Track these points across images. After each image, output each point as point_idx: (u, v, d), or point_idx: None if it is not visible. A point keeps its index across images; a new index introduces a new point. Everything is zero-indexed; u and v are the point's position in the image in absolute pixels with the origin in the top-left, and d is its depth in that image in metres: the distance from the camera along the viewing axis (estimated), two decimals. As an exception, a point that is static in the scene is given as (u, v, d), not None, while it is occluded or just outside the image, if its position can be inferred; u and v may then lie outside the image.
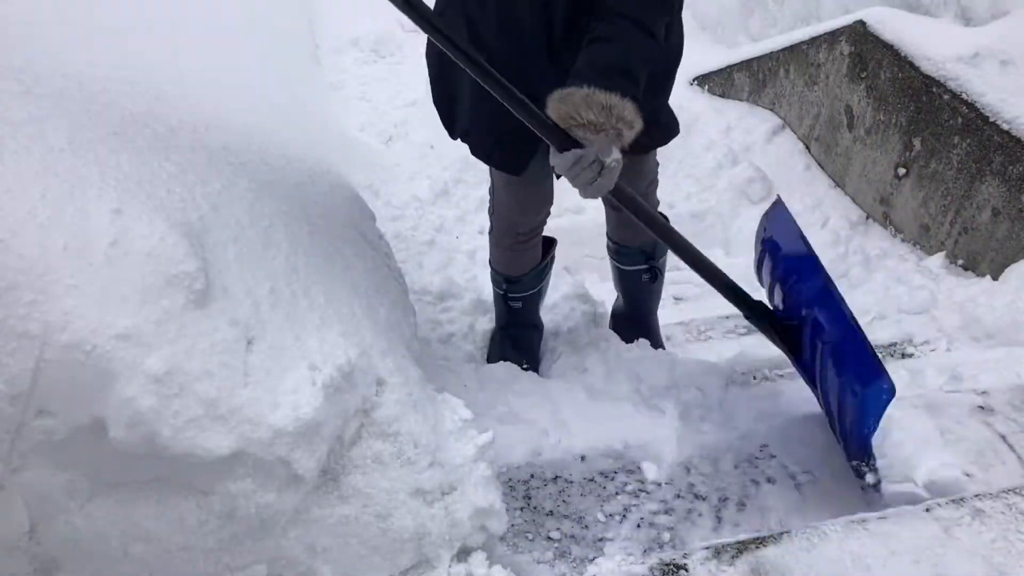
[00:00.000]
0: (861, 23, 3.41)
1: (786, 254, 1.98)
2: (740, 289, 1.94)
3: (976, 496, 1.57)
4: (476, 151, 2.02)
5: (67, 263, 1.16)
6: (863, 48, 3.38)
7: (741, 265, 3.20)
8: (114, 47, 1.91)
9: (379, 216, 2.42)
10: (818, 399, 1.95)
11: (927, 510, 1.54)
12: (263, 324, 1.32)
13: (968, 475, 1.82)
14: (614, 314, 2.60)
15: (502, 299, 2.41)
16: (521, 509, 1.81)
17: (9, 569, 1.23)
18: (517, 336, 2.47)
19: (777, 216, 2.04)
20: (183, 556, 1.29)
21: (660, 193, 2.34)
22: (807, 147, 3.82)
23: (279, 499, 1.29)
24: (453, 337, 2.51)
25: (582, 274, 3.16)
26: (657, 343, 2.50)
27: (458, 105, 1.97)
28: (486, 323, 2.55)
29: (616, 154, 1.57)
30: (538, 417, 2.03)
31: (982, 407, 2.01)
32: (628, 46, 1.61)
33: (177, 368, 1.19)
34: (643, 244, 2.33)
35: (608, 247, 2.43)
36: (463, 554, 1.47)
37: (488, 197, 2.36)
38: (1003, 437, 1.92)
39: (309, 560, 1.37)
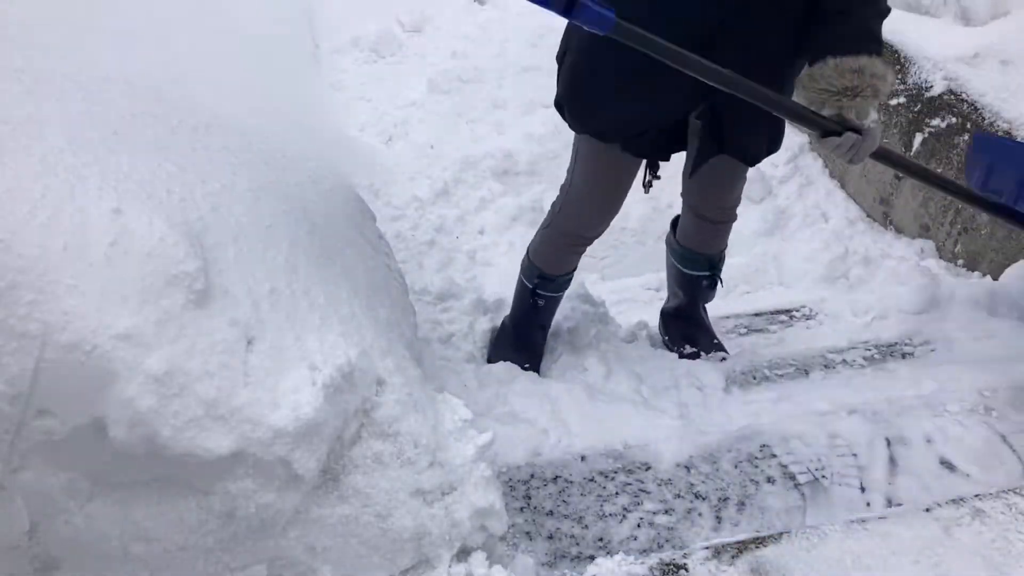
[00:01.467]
0: (861, 23, 3.41)
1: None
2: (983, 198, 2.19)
3: (976, 496, 1.57)
4: (636, 148, 2.05)
5: (67, 263, 1.16)
6: (863, 48, 3.38)
7: (741, 265, 3.21)
8: (114, 47, 1.91)
9: (379, 216, 2.42)
10: None
11: (927, 510, 1.54)
12: (263, 324, 1.32)
13: (968, 475, 1.82)
14: (664, 313, 2.63)
15: (529, 293, 2.41)
16: (521, 509, 1.81)
17: (9, 569, 1.23)
18: (524, 335, 2.48)
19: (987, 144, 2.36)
20: (183, 556, 1.29)
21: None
22: (807, 147, 3.82)
23: (279, 499, 1.29)
24: (453, 337, 2.51)
25: (582, 274, 3.16)
26: (712, 339, 2.53)
27: (606, 108, 1.98)
28: (486, 323, 2.55)
29: (873, 115, 1.68)
30: (538, 416, 2.04)
31: (982, 407, 2.01)
32: (860, 12, 1.69)
33: (177, 368, 1.19)
34: (711, 255, 2.40)
35: (672, 248, 2.47)
36: (463, 554, 1.47)
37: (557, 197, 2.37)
38: (1003, 437, 1.92)
39: (309, 560, 1.37)
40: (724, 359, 2.48)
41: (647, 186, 2.15)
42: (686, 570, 1.44)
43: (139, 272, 1.20)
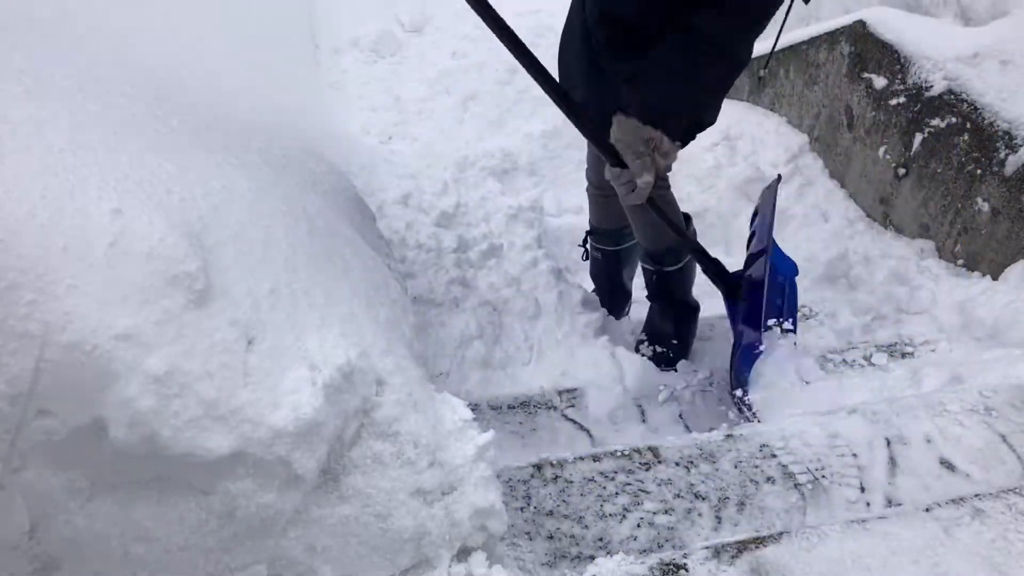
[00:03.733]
0: (861, 23, 3.41)
1: (757, 224, 2.58)
2: (719, 263, 2.48)
3: (976, 496, 1.57)
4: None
5: (67, 263, 1.16)
6: (863, 48, 3.38)
7: (740, 264, 3.21)
8: (114, 47, 1.91)
9: (379, 216, 2.42)
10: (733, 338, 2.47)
11: (927, 510, 1.54)
12: (263, 324, 1.32)
13: (968, 475, 1.82)
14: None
15: (586, 243, 2.84)
16: (521, 509, 1.81)
17: (9, 569, 1.23)
18: (598, 286, 2.89)
19: (767, 192, 2.62)
20: (183, 556, 1.29)
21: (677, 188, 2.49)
22: (807, 147, 3.82)
23: (279, 499, 1.29)
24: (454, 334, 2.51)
25: (581, 274, 3.16)
26: (666, 331, 2.68)
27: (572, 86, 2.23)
28: (485, 318, 2.56)
29: (648, 177, 1.90)
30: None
31: (982, 407, 2.01)
32: (680, 86, 1.84)
33: (177, 368, 1.19)
34: (644, 247, 2.55)
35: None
36: (463, 554, 1.47)
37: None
38: (1003, 437, 1.92)
39: (309, 560, 1.37)
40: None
41: None
42: (686, 570, 1.44)
43: (139, 272, 1.20)
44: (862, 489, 1.82)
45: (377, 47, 4.74)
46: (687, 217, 2.65)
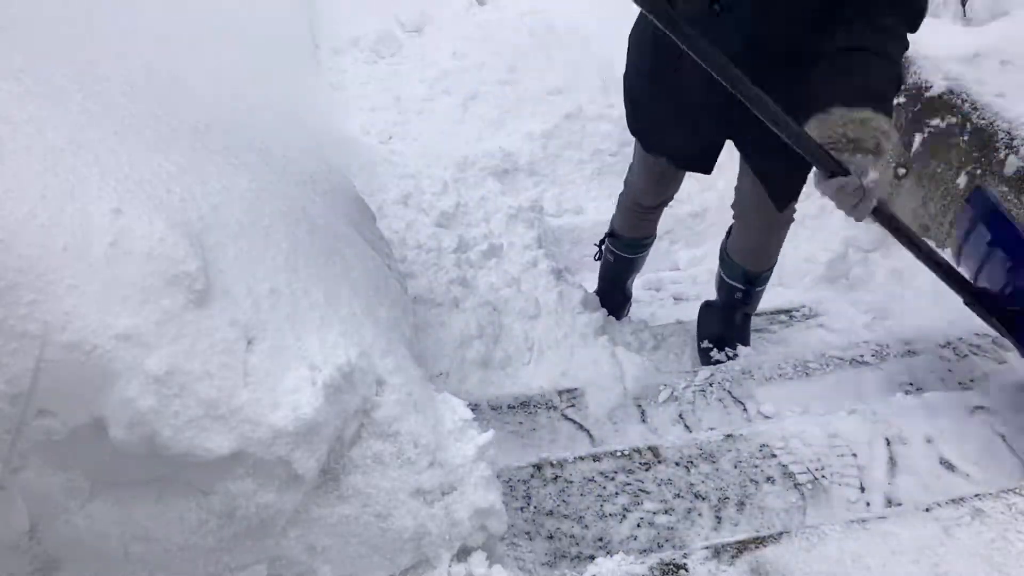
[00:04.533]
0: (861, 23, 3.41)
1: (1001, 240, 2.07)
2: (965, 280, 2.09)
3: (976, 496, 1.57)
4: (676, 160, 2.33)
5: (67, 263, 1.16)
6: (863, 48, 3.38)
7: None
8: (114, 47, 1.91)
9: (379, 216, 2.42)
10: None
11: (927, 510, 1.54)
12: (263, 324, 1.32)
13: (968, 475, 1.82)
14: (704, 304, 2.78)
15: (602, 244, 2.85)
16: (521, 509, 1.81)
17: (9, 569, 1.23)
18: (603, 288, 2.88)
19: (982, 203, 2.16)
20: (183, 556, 1.29)
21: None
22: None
23: (279, 499, 1.29)
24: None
25: (581, 274, 3.16)
26: (732, 343, 2.64)
27: (662, 127, 2.24)
28: (485, 319, 2.56)
29: (874, 174, 1.65)
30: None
31: (982, 407, 2.01)
32: (865, 71, 1.67)
33: (177, 368, 1.19)
34: (747, 269, 2.53)
35: (721, 254, 2.63)
36: (463, 554, 1.47)
37: (627, 173, 2.67)
38: (1003, 437, 1.92)
39: (309, 560, 1.37)
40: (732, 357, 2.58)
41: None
42: (686, 570, 1.44)
43: (139, 272, 1.20)
44: (862, 489, 1.82)
45: (377, 47, 4.74)
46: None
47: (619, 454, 1.94)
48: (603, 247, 2.87)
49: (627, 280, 2.90)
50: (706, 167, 2.25)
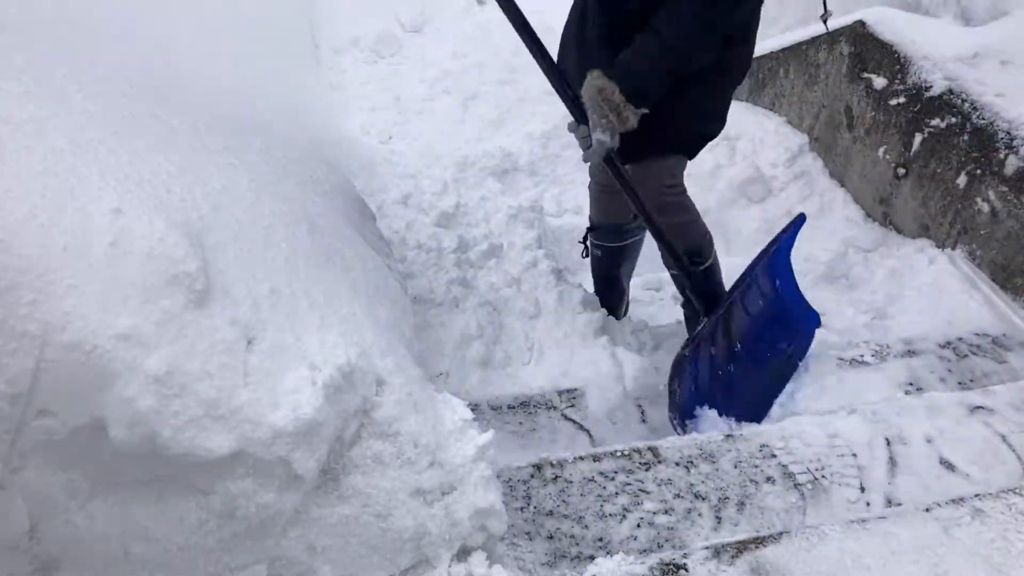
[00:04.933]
0: (861, 23, 3.41)
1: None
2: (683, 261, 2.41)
3: (976, 496, 1.57)
4: None
5: (67, 263, 1.16)
6: (863, 48, 3.38)
7: (740, 265, 3.21)
8: (114, 47, 1.91)
9: (379, 216, 2.42)
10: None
11: (927, 510, 1.54)
12: (263, 324, 1.32)
13: (968, 475, 1.82)
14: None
15: (586, 241, 2.82)
16: (521, 509, 1.81)
17: (9, 569, 1.23)
18: (597, 286, 2.86)
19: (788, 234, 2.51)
20: (183, 556, 1.29)
21: None
22: (807, 147, 3.82)
23: (279, 499, 1.29)
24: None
25: (581, 274, 3.16)
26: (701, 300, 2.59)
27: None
28: (485, 319, 2.56)
29: (603, 136, 2.01)
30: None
31: (982, 407, 2.01)
32: (637, 46, 1.99)
33: (177, 368, 1.19)
34: (668, 251, 2.50)
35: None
36: (463, 554, 1.47)
37: None
38: (1003, 437, 1.92)
39: (309, 560, 1.37)
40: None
41: None
42: (686, 570, 1.44)
43: (139, 272, 1.20)
44: (862, 489, 1.82)
45: (377, 47, 4.74)
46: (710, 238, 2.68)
47: (619, 454, 1.94)
48: (587, 243, 2.85)
49: (619, 273, 2.87)
50: None
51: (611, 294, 2.87)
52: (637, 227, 2.72)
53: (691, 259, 2.46)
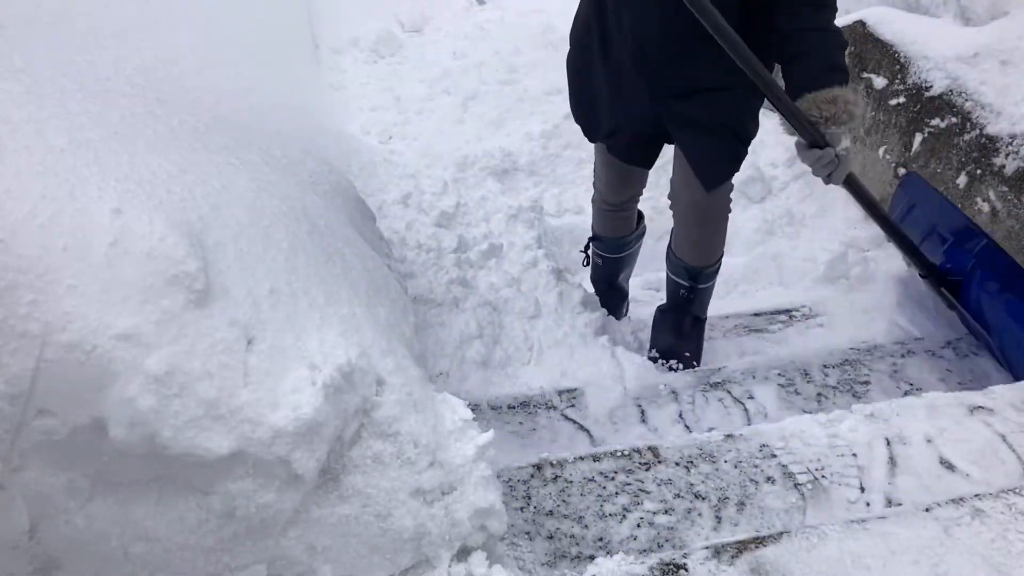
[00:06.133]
0: (861, 23, 3.41)
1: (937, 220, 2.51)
2: (921, 252, 2.47)
3: (976, 496, 1.57)
4: (615, 152, 2.44)
5: (67, 263, 1.16)
6: (863, 48, 3.38)
7: (740, 264, 3.21)
8: (114, 47, 1.91)
9: (379, 216, 2.42)
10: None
11: (927, 510, 1.54)
12: (263, 324, 1.32)
13: (968, 475, 1.82)
14: (657, 309, 2.76)
15: (589, 248, 2.86)
16: (521, 509, 1.81)
17: (9, 569, 1.23)
18: (598, 290, 2.88)
19: (917, 187, 2.61)
20: (183, 556, 1.29)
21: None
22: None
23: (279, 499, 1.29)
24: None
25: (581, 274, 3.16)
26: (685, 352, 2.61)
27: (598, 112, 2.34)
28: (485, 319, 2.56)
29: (846, 142, 1.96)
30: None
31: (982, 407, 2.01)
32: (822, 50, 1.94)
33: (177, 368, 1.19)
34: (690, 265, 2.53)
35: (667, 253, 2.64)
36: (463, 554, 1.47)
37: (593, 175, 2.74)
38: (1003, 437, 1.92)
39: (309, 560, 1.37)
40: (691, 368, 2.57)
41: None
42: (686, 570, 1.44)
43: (139, 272, 1.20)
44: (862, 489, 1.82)
45: (377, 47, 4.74)
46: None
47: (619, 454, 1.94)
48: (589, 252, 2.88)
49: (620, 279, 2.90)
50: (645, 157, 2.40)
51: (614, 296, 2.88)
52: (636, 238, 2.78)
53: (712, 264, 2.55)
